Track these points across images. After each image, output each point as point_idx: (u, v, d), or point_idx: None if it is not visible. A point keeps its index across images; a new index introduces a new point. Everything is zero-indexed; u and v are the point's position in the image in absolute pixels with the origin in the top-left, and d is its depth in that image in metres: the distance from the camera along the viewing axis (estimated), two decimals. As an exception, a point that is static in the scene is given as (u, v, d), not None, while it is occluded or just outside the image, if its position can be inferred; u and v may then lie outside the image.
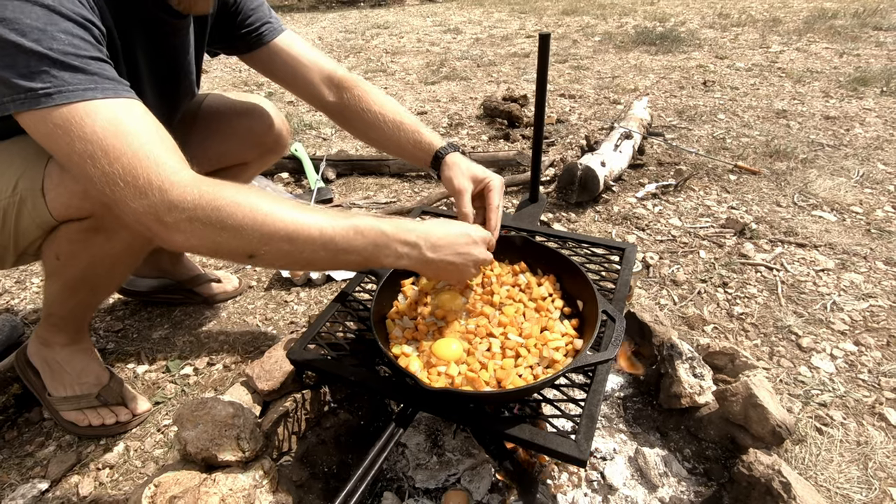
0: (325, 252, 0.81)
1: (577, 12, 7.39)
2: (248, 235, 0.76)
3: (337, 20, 7.84)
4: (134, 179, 0.73)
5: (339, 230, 0.81)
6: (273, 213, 0.78)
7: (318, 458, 1.12)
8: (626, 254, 1.27)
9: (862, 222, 2.09)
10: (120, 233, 1.03)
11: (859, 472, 1.12)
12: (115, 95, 0.76)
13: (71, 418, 1.25)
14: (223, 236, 0.76)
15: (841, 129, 3.01)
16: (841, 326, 1.55)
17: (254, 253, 0.78)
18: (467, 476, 1.07)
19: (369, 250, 0.84)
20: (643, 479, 1.07)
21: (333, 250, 0.81)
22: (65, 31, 0.74)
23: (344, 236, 0.82)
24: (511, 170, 2.60)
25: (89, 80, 0.75)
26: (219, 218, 0.75)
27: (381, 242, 0.85)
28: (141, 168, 0.73)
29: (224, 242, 0.76)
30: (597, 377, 0.93)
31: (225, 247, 0.77)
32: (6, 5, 0.70)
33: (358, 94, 1.23)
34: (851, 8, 6.45)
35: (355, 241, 0.83)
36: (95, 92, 0.74)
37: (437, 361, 0.94)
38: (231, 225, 0.75)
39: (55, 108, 0.72)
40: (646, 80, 4.13)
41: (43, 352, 1.25)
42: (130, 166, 0.73)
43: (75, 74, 0.73)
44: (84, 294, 1.18)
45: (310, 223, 0.79)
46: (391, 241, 0.86)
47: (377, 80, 4.46)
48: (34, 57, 0.71)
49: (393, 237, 0.86)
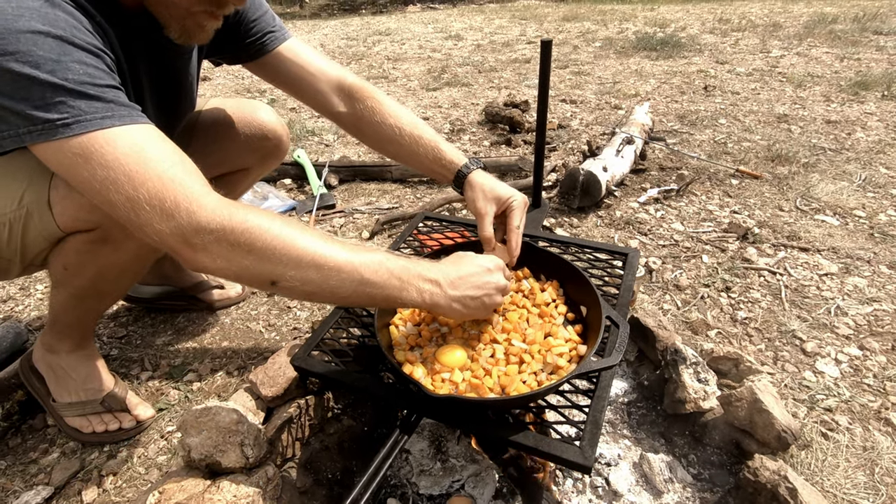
0: (351, 283, 0.81)
1: (577, 18, 7.42)
2: (275, 260, 0.77)
3: (339, 27, 7.89)
4: (161, 203, 0.73)
5: (366, 262, 0.82)
6: (301, 239, 0.78)
7: (321, 465, 1.12)
8: (628, 259, 1.27)
9: (865, 226, 2.09)
10: (127, 243, 1.04)
11: (866, 478, 1.12)
12: (132, 122, 0.77)
13: (75, 424, 1.25)
14: (250, 259, 0.76)
15: (842, 133, 3.01)
16: (845, 331, 1.55)
17: (278, 279, 0.78)
18: (471, 482, 1.07)
19: (393, 284, 0.84)
20: (648, 485, 1.06)
21: (358, 281, 0.81)
22: (78, 60, 0.74)
23: (370, 268, 0.82)
24: (513, 175, 2.60)
25: (106, 107, 0.75)
26: (247, 241, 0.75)
27: (405, 277, 0.85)
28: (167, 191, 0.73)
29: (251, 266, 0.77)
30: (601, 383, 0.93)
31: (251, 270, 0.77)
32: (18, 38, 0.71)
33: (371, 105, 1.22)
34: (851, 12, 6.47)
35: (380, 274, 0.83)
36: (113, 119, 0.75)
37: (441, 368, 0.94)
38: (259, 248, 0.76)
39: (74, 138, 0.73)
40: (647, 85, 4.14)
41: (48, 358, 1.25)
42: (156, 190, 0.73)
43: (92, 103, 0.74)
44: (91, 302, 1.18)
45: (337, 253, 0.80)
46: (413, 276, 0.86)
47: (379, 86, 4.47)
48: (49, 88, 0.72)
49: (415, 273, 0.87)
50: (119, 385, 1.29)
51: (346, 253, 0.81)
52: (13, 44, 0.70)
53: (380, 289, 0.83)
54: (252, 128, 1.40)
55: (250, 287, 0.80)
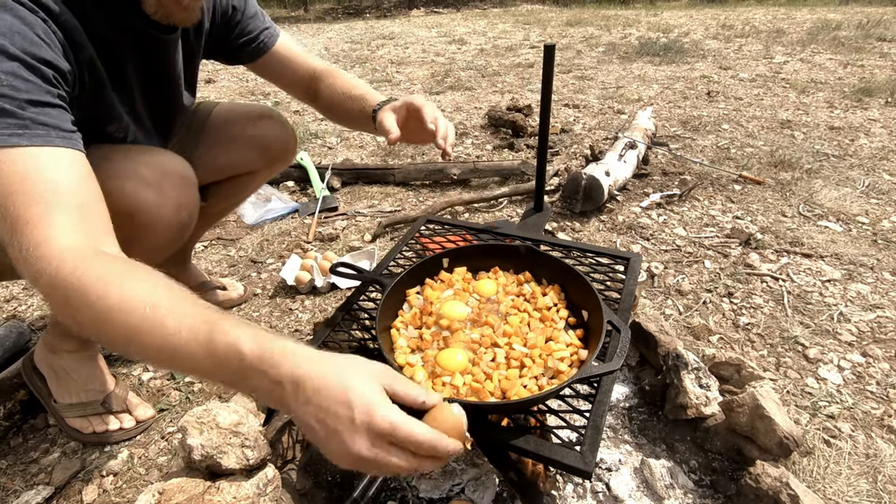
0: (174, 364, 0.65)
1: (580, 23, 7.44)
2: (100, 331, 0.66)
3: (343, 31, 7.92)
4: (21, 232, 0.68)
5: (186, 343, 0.62)
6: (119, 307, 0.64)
7: (322, 467, 1.11)
8: (630, 263, 1.27)
9: (868, 233, 2.08)
10: (137, 245, 1.04)
11: (868, 485, 1.11)
12: (43, 143, 0.73)
13: (76, 425, 1.25)
14: (78, 318, 0.67)
15: (846, 139, 3.01)
16: (848, 337, 1.54)
17: (106, 345, 0.76)
18: (471, 486, 1.07)
19: (224, 376, 0.62)
20: (649, 490, 1.06)
21: (179, 367, 0.65)
22: (6, 71, 0.72)
23: (189, 353, 0.62)
24: (515, 179, 2.61)
25: (18, 123, 0.72)
26: (75, 302, 0.65)
27: (236, 369, 0.61)
28: (33, 225, 0.68)
29: (80, 325, 0.68)
30: (602, 388, 0.93)
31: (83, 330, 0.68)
32: None
33: (330, 81, 1.30)
34: (855, 19, 6.47)
35: (202, 361, 0.62)
36: (21, 138, 0.71)
37: (442, 371, 0.93)
38: (84, 317, 0.66)
39: None
40: (650, 90, 4.15)
41: (49, 358, 1.25)
42: (23, 219, 0.68)
43: (3, 117, 0.71)
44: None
45: (153, 327, 0.63)
46: (248, 370, 0.60)
47: (382, 89, 4.49)
48: None
49: (253, 366, 0.60)
50: (120, 386, 1.30)
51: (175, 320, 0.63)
52: None
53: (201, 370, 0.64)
54: (260, 132, 1.41)
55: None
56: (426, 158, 2.99)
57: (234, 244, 2.17)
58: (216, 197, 1.48)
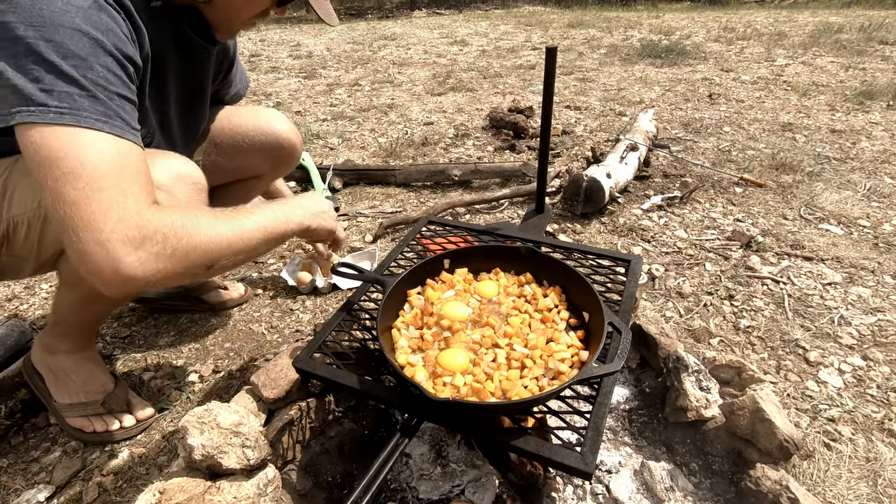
0: (262, 238, 0.96)
1: (582, 25, 7.45)
2: (214, 252, 0.87)
3: (345, 31, 7.93)
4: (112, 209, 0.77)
5: (265, 219, 0.97)
6: (226, 228, 0.90)
7: (322, 468, 1.11)
8: (631, 265, 1.27)
9: (869, 236, 2.08)
10: None
11: (868, 489, 1.11)
12: (121, 134, 0.81)
13: (76, 424, 1.25)
14: (191, 258, 0.84)
15: (847, 142, 3.01)
16: (849, 341, 1.54)
17: (215, 263, 0.89)
18: (471, 488, 1.06)
19: (282, 223, 1.01)
20: (649, 493, 1.06)
21: (265, 234, 0.97)
22: (103, 64, 0.80)
23: (269, 220, 0.99)
24: (517, 180, 2.61)
25: (106, 112, 0.79)
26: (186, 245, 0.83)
27: (286, 215, 1.03)
28: (123, 201, 0.78)
29: (191, 264, 0.85)
30: (602, 389, 0.93)
31: (192, 269, 0.86)
32: (58, 30, 0.76)
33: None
34: (857, 22, 6.48)
35: (276, 221, 1.00)
36: (105, 125, 0.79)
37: (443, 372, 0.94)
38: (199, 246, 0.85)
39: (62, 127, 0.76)
40: (651, 92, 4.15)
41: (47, 359, 1.26)
42: (111, 198, 0.77)
43: (95, 104, 0.78)
44: (101, 305, 1.19)
45: (248, 223, 0.94)
46: (289, 212, 1.04)
47: (384, 90, 4.50)
48: (64, 78, 0.76)
49: (289, 210, 1.05)
50: (119, 385, 1.30)
51: (252, 218, 0.95)
52: (52, 33, 0.75)
53: (276, 231, 1.00)
54: (267, 136, 1.42)
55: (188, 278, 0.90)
56: (427, 160, 2.99)
57: (236, 244, 2.17)
58: (221, 200, 1.48)
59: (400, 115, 3.82)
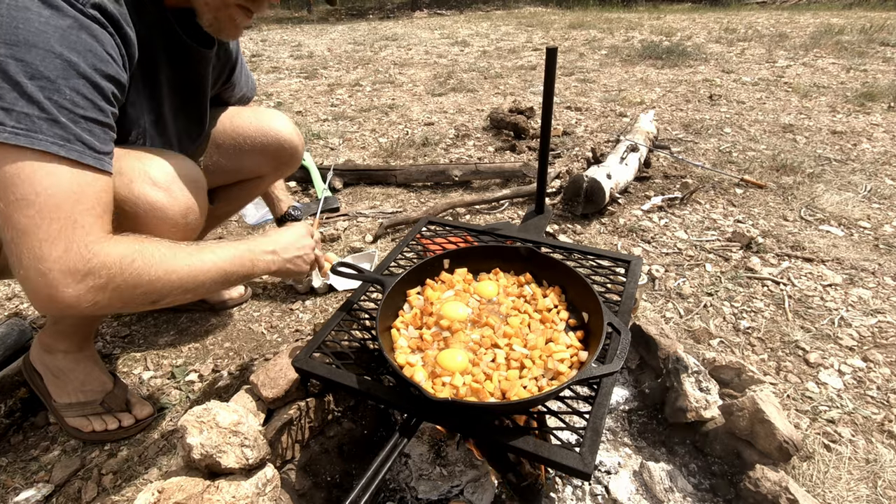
0: (218, 278, 0.95)
1: (583, 26, 7.45)
2: (160, 289, 0.86)
3: (346, 32, 7.94)
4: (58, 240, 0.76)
5: (225, 258, 0.97)
6: (179, 264, 0.89)
7: (321, 467, 1.11)
8: (631, 266, 1.27)
9: (870, 237, 2.08)
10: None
11: (868, 490, 1.11)
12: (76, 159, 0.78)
13: (75, 424, 1.25)
14: (137, 292, 0.84)
15: (848, 143, 3.01)
16: (849, 342, 1.54)
17: (160, 300, 0.88)
18: (470, 488, 1.06)
19: (246, 266, 1.01)
20: (648, 493, 1.06)
21: (223, 275, 0.96)
22: (73, 88, 0.77)
23: (229, 261, 0.97)
24: (517, 181, 2.61)
25: (64, 136, 0.77)
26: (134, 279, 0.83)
27: (253, 257, 1.02)
28: (71, 233, 0.77)
29: (137, 298, 0.85)
30: (602, 390, 0.92)
31: (136, 301, 0.86)
32: (30, 50, 0.74)
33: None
34: (858, 24, 6.47)
35: (236, 263, 0.99)
36: (60, 148, 0.77)
37: (442, 372, 0.94)
38: (146, 282, 0.84)
39: (14, 148, 0.74)
40: (652, 93, 4.15)
41: (45, 358, 1.25)
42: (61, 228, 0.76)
43: (54, 128, 0.76)
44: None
45: (205, 260, 0.93)
46: (258, 253, 1.04)
47: (385, 91, 4.50)
48: (25, 99, 0.74)
49: (258, 250, 1.04)
50: (118, 385, 1.30)
51: (211, 256, 0.94)
52: (23, 53, 0.74)
53: (237, 273, 0.99)
54: (269, 137, 1.41)
55: (128, 310, 0.93)
56: (428, 160, 2.99)
57: (236, 244, 2.17)
58: (223, 200, 1.48)
59: (401, 115, 3.82)
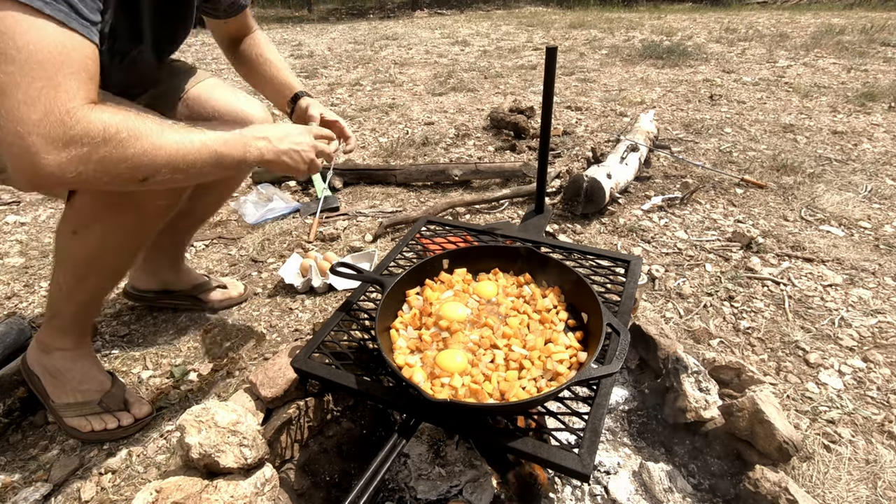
0: (210, 159, 0.92)
1: (584, 26, 7.44)
2: (149, 163, 0.83)
3: (346, 31, 7.94)
4: (44, 99, 0.73)
5: (215, 138, 0.94)
6: (167, 139, 0.86)
7: (320, 467, 1.11)
8: (631, 266, 1.27)
9: (870, 237, 2.07)
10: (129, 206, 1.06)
11: (868, 491, 1.11)
12: (63, 21, 0.76)
13: (74, 424, 1.25)
14: (123, 166, 0.81)
15: (849, 143, 3.00)
16: (849, 342, 1.54)
17: (150, 177, 0.85)
18: (469, 488, 1.06)
19: (238, 149, 0.97)
20: (647, 494, 1.06)
21: (215, 156, 0.93)
22: None
23: (220, 141, 0.94)
24: (517, 181, 2.60)
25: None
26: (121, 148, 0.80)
27: (245, 140, 1.00)
28: (58, 92, 0.75)
29: (123, 171, 0.81)
30: (601, 390, 0.92)
31: (123, 176, 0.82)
32: None
33: (251, 41, 1.44)
34: (859, 24, 6.47)
35: (228, 144, 0.96)
36: (46, 6, 0.74)
37: (441, 372, 0.93)
38: (131, 154, 0.81)
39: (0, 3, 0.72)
40: (652, 93, 4.14)
41: (43, 359, 1.25)
42: (47, 86, 0.74)
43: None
44: (92, 280, 1.17)
45: (195, 140, 0.90)
46: (249, 138, 1.01)
47: (385, 90, 4.50)
48: None
49: (250, 136, 1.01)
50: (116, 384, 1.30)
51: (201, 136, 0.91)
52: None
53: (230, 156, 0.96)
54: (238, 118, 1.37)
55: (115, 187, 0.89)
56: (428, 160, 2.99)
57: (235, 243, 2.17)
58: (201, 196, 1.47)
59: (401, 114, 3.82)
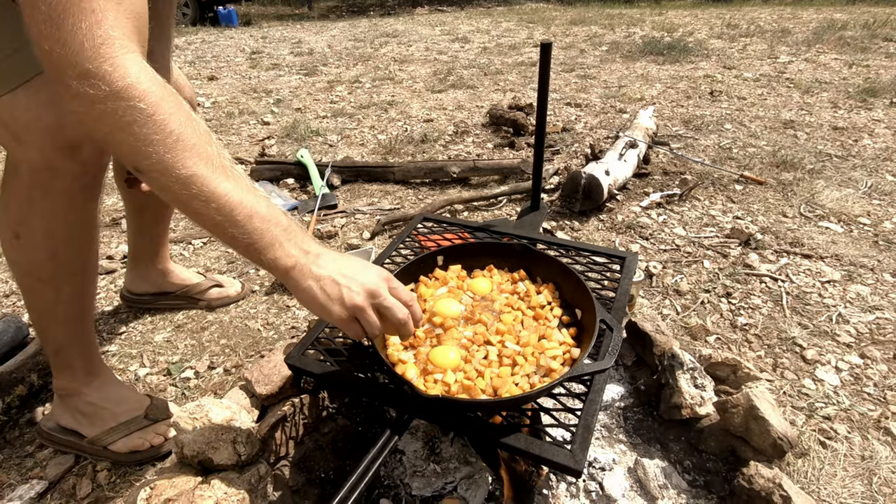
0: (214, 226, 0.72)
1: (584, 22, 7.42)
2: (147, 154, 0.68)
3: (347, 28, 7.92)
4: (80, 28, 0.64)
5: (247, 207, 0.72)
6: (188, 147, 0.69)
7: (314, 464, 1.12)
8: (626, 262, 1.26)
9: (869, 234, 2.07)
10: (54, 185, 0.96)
11: (863, 487, 1.10)
12: None
13: (128, 447, 1.18)
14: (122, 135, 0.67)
15: (849, 139, 2.99)
16: (846, 339, 1.53)
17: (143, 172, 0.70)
18: (464, 485, 1.06)
19: (256, 235, 0.74)
20: (642, 490, 1.06)
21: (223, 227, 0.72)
22: None
23: (246, 215, 0.72)
24: (515, 178, 2.60)
25: None
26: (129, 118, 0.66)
27: (275, 238, 0.75)
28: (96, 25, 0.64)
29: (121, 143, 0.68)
30: (594, 387, 0.92)
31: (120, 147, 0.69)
32: None
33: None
34: (861, 19, 6.43)
35: (253, 226, 0.73)
36: None
37: (434, 369, 0.93)
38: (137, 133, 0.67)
39: None
40: (652, 89, 4.13)
41: (70, 403, 1.19)
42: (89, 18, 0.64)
43: None
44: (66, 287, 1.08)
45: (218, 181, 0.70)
46: (285, 242, 0.76)
47: (384, 87, 4.49)
48: None
49: (292, 233, 0.77)
50: (155, 398, 1.26)
51: (228, 186, 0.71)
52: None
53: (242, 230, 0.72)
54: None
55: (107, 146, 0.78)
56: (426, 157, 2.98)
57: (234, 241, 2.17)
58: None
59: (400, 112, 3.81)
